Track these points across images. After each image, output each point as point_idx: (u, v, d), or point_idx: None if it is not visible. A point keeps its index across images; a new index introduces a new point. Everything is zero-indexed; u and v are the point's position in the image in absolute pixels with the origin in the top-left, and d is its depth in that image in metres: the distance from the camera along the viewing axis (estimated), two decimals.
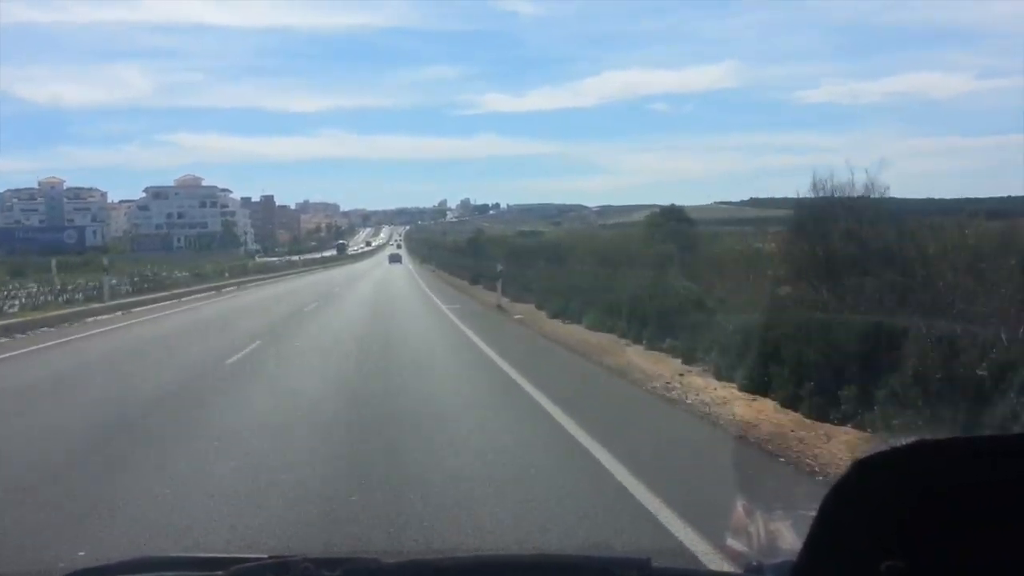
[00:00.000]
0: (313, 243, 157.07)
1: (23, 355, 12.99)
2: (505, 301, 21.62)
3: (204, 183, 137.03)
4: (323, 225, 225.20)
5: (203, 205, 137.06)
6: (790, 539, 1.38)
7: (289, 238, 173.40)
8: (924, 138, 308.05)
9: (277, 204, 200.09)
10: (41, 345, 14.29)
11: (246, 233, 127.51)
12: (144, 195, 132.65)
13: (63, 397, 8.84)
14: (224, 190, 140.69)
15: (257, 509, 4.57)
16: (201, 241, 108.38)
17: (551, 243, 29.87)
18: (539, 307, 19.14)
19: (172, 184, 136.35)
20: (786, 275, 7.98)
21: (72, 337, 15.62)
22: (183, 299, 27.85)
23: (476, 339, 13.91)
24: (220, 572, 1.46)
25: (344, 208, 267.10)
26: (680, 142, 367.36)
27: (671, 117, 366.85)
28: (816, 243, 7.76)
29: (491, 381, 9.54)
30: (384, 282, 39.53)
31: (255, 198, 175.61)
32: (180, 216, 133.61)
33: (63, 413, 7.80)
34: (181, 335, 16.18)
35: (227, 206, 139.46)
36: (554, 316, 17.25)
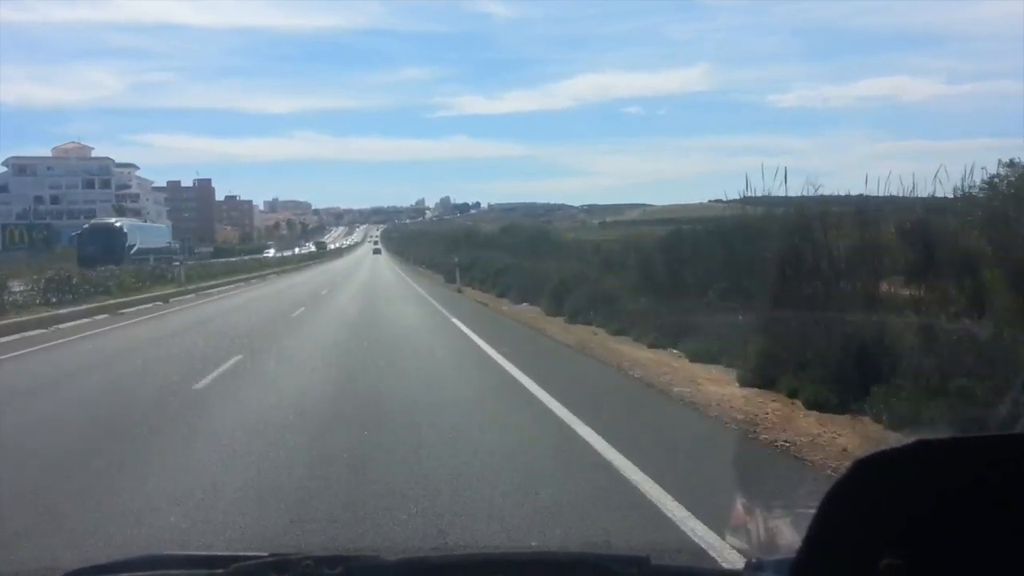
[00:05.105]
0: (270, 242, 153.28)
1: None
2: None
3: (95, 154, 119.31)
4: (283, 222, 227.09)
5: (90, 185, 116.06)
6: (789, 536, 1.61)
7: (236, 235, 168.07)
8: (893, 142, 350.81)
9: (250, 201, 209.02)
10: None
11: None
12: (5, 170, 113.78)
13: None
14: (125, 165, 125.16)
15: None
16: (34, 234, 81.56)
17: None
18: None
19: (50, 154, 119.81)
20: None
21: None
22: None
23: None
24: (221, 570, 1.69)
25: (317, 207, 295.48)
26: (655, 144, 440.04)
27: (645, 119, 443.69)
28: None
29: None
30: None
31: (186, 182, 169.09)
32: (55, 200, 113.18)
33: None
34: None
35: (128, 186, 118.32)
36: None
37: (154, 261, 40.61)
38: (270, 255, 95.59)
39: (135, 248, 48.18)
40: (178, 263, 37.91)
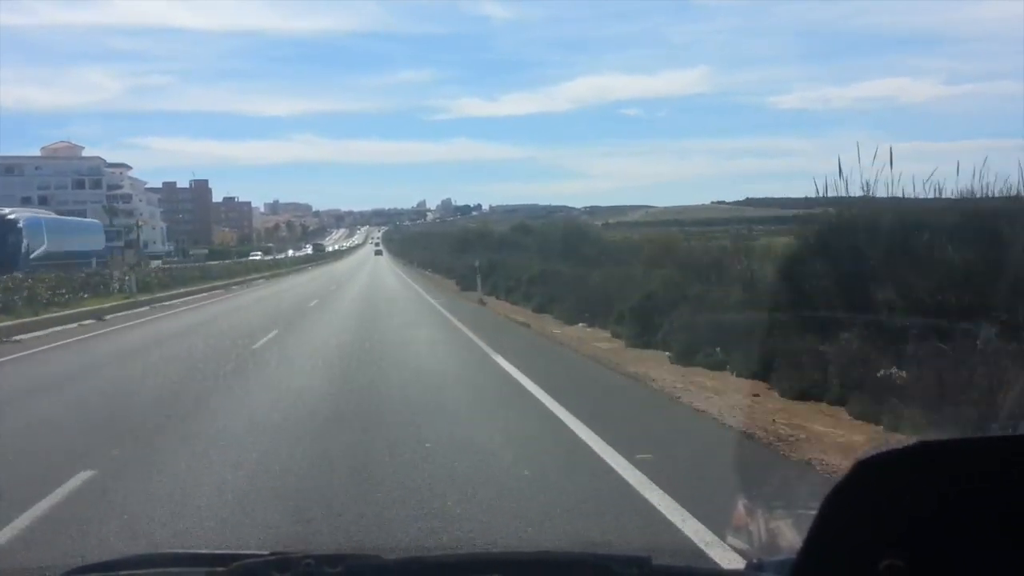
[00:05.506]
0: (270, 244, 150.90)
1: None
2: None
3: (86, 153, 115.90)
4: (283, 224, 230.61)
5: (80, 185, 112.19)
6: (791, 537, 1.59)
7: (234, 237, 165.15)
8: (894, 143, 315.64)
9: (249, 202, 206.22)
10: None
11: (139, 226, 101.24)
12: None
13: None
14: (116, 165, 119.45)
15: None
16: None
17: None
18: None
19: (39, 153, 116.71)
20: None
21: None
22: None
23: None
24: (221, 568, 1.66)
25: (318, 209, 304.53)
26: (655, 146, 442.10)
27: (645, 122, 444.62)
28: None
29: None
30: None
31: (183, 183, 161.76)
32: (43, 201, 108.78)
33: None
34: None
35: (120, 187, 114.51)
36: None
37: (96, 265, 33.34)
38: (257, 258, 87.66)
39: (40, 251, 37.74)
40: (129, 266, 30.04)
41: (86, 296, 23.99)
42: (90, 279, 27.45)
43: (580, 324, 17.67)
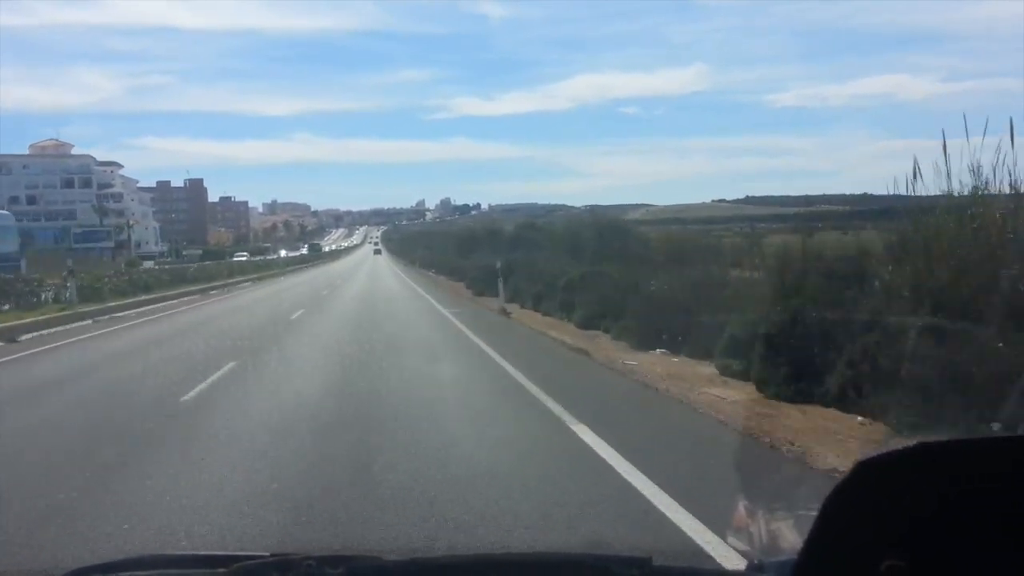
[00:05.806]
0: (267, 244, 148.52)
1: None
2: None
3: (76, 151, 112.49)
4: (280, 223, 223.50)
5: (69, 184, 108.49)
6: (791, 538, 1.54)
7: (230, 237, 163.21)
8: (893, 140, 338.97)
9: (246, 202, 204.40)
10: None
11: (130, 225, 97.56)
12: None
13: None
14: (107, 163, 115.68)
15: None
16: None
17: None
18: None
19: (27, 151, 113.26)
20: None
21: None
22: None
23: None
24: (222, 570, 1.61)
25: (316, 208, 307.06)
26: (654, 145, 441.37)
27: (644, 120, 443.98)
28: None
29: None
30: None
31: (176, 182, 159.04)
32: (32, 200, 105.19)
33: None
34: None
35: (111, 185, 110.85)
36: None
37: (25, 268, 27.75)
38: (243, 259, 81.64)
39: None
40: (68, 270, 24.01)
41: (5, 308, 18.94)
42: (11, 286, 22.07)
43: (657, 350, 12.51)
